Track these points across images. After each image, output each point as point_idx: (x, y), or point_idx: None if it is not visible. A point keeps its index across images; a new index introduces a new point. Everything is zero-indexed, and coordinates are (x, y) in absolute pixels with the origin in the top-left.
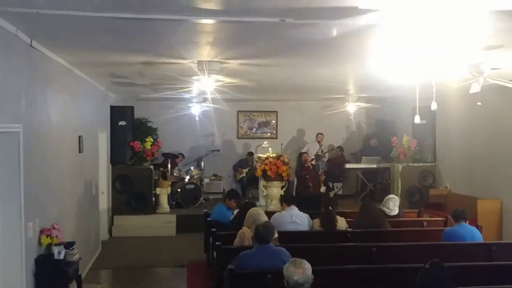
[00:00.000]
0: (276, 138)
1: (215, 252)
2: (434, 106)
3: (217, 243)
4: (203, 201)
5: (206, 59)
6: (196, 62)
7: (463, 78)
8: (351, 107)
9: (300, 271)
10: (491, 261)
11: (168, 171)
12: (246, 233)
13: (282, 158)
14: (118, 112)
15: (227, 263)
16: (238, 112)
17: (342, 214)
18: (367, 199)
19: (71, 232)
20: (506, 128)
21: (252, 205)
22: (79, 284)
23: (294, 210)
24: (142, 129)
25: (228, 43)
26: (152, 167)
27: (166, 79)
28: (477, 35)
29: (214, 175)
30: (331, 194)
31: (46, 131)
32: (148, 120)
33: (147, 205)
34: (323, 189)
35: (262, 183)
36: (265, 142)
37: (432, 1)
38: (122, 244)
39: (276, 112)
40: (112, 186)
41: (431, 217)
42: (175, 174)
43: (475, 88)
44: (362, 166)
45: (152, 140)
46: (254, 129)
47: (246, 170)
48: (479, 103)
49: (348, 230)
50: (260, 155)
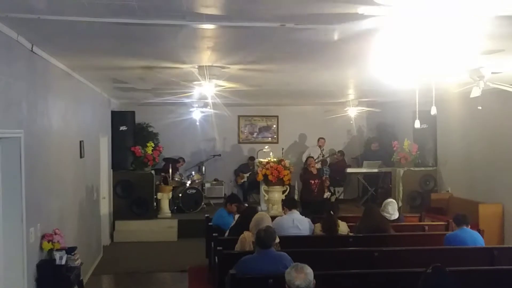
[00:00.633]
0: (277, 142)
1: (216, 257)
2: (433, 110)
3: (218, 248)
4: (205, 206)
5: (206, 64)
6: (196, 67)
7: (464, 82)
8: (352, 112)
9: (302, 276)
10: (492, 265)
11: (169, 176)
12: (247, 238)
13: (283, 163)
14: (119, 117)
15: (229, 268)
16: (239, 116)
17: (343, 219)
18: (370, 203)
19: (72, 237)
20: (507, 132)
21: (254, 210)
22: None
23: (296, 215)
24: (143, 134)
25: (228, 48)
26: (153, 172)
27: (167, 84)
28: (477, 40)
29: (215, 179)
30: (333, 198)
31: (47, 137)
32: (149, 125)
33: (149, 210)
34: (327, 194)
35: (263, 187)
36: (266, 147)
37: (433, 6)
38: (123, 249)
39: (277, 116)
40: (113, 191)
41: (432, 221)
42: (176, 179)
43: (476, 92)
44: (363, 170)
45: (153, 145)
46: (255, 133)
47: (247, 175)
48: (480, 107)
49: (349, 234)
50: (261, 159)
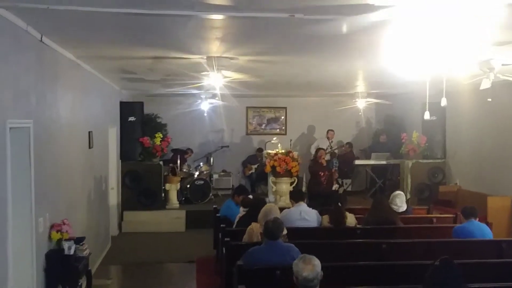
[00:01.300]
0: (285, 134)
1: (224, 248)
2: (444, 102)
3: (226, 239)
4: (212, 197)
5: (215, 55)
6: (205, 58)
7: (474, 74)
8: (361, 103)
9: (310, 267)
10: (501, 258)
11: (177, 167)
12: (254, 229)
13: (291, 154)
14: (127, 108)
15: (236, 259)
16: (247, 108)
17: (351, 211)
18: (378, 195)
19: (81, 228)
20: None
21: (262, 201)
22: (89, 279)
23: (303, 207)
24: (152, 125)
25: (237, 39)
26: (161, 163)
27: (175, 74)
28: (488, 31)
29: (223, 171)
30: (340, 190)
31: (56, 127)
32: (157, 116)
33: (157, 200)
34: (335, 186)
35: (271, 179)
36: (274, 138)
37: None
38: (131, 239)
39: (286, 108)
40: (121, 181)
41: (440, 214)
42: (185, 170)
43: (486, 84)
44: (372, 162)
45: (161, 136)
46: (263, 125)
47: (255, 166)
48: (490, 99)
49: (357, 226)
50: (269, 151)
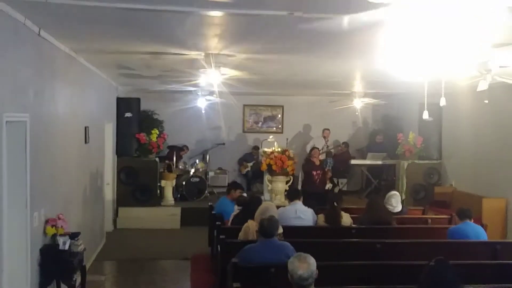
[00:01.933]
0: (281, 132)
1: (219, 246)
2: (443, 102)
3: (221, 236)
4: (208, 194)
5: (213, 52)
6: (203, 55)
7: (471, 75)
8: (358, 103)
9: (305, 265)
10: (495, 259)
11: (173, 163)
12: (251, 227)
13: (287, 153)
14: (124, 104)
15: (231, 256)
16: (244, 106)
17: (346, 210)
18: (373, 196)
19: (76, 223)
20: None
21: (258, 199)
22: (83, 274)
23: (299, 205)
24: (148, 121)
25: (236, 36)
26: (157, 159)
27: (173, 71)
28: (488, 32)
29: (219, 168)
30: (336, 190)
31: (53, 121)
32: (154, 113)
33: (152, 197)
34: (328, 186)
35: (267, 177)
36: (270, 137)
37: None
38: (126, 235)
39: (282, 106)
40: (117, 177)
41: (435, 214)
42: (180, 167)
43: (483, 85)
44: (368, 162)
45: (157, 133)
46: (260, 123)
47: (251, 164)
48: (486, 101)
49: (352, 226)
50: (266, 149)
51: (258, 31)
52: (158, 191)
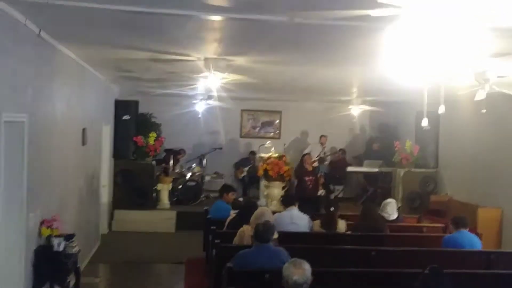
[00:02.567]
0: (279, 138)
1: (214, 250)
2: (442, 109)
3: (216, 241)
4: (204, 198)
5: (213, 56)
6: (203, 59)
7: (469, 84)
8: (355, 110)
9: (300, 271)
10: (489, 269)
11: (170, 167)
12: (246, 231)
13: (284, 159)
14: (122, 106)
15: (226, 261)
16: (242, 111)
17: (342, 217)
18: (368, 203)
19: (71, 224)
20: (511, 137)
21: (254, 204)
22: (77, 276)
23: (294, 211)
24: (146, 124)
25: (235, 41)
26: (154, 162)
27: (172, 75)
28: (486, 42)
29: (216, 173)
30: (332, 196)
31: (51, 122)
32: (152, 116)
33: (148, 200)
34: (320, 192)
35: (263, 183)
36: (267, 142)
37: (443, 7)
38: (121, 238)
39: (280, 112)
40: (113, 180)
41: (431, 223)
42: (177, 171)
43: (481, 95)
44: (364, 169)
45: (155, 136)
46: (258, 128)
47: (247, 169)
48: (484, 111)
49: (347, 233)
50: (263, 154)
51: (259, 36)
52: (154, 194)
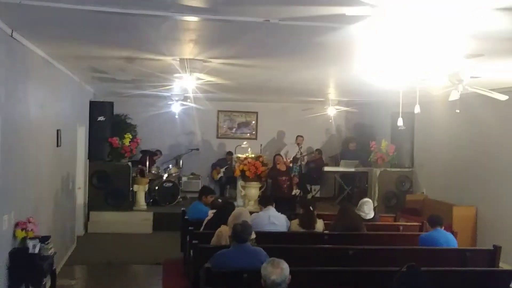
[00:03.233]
0: (255, 139)
1: (192, 251)
2: (417, 109)
3: (194, 241)
4: (181, 199)
5: (188, 57)
6: (178, 60)
7: (443, 85)
8: (331, 111)
9: (278, 271)
10: (465, 266)
11: (146, 168)
12: (223, 232)
13: (261, 159)
14: (97, 108)
15: (204, 261)
16: (218, 111)
17: (319, 217)
18: (346, 202)
19: (46, 226)
20: (484, 136)
21: (231, 205)
22: (53, 279)
23: (272, 211)
24: (121, 125)
25: (211, 42)
26: (130, 163)
27: (147, 75)
28: (458, 43)
29: (192, 173)
30: (309, 196)
31: (24, 124)
32: (127, 117)
33: (124, 201)
34: (295, 191)
35: (240, 183)
36: (244, 143)
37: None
38: (97, 240)
39: (257, 113)
40: (89, 181)
41: (407, 222)
42: (153, 172)
43: (454, 95)
44: (341, 169)
45: (131, 137)
46: (234, 129)
47: (224, 170)
48: (458, 111)
49: (325, 232)
50: (239, 155)
51: (234, 37)
52: (131, 195)
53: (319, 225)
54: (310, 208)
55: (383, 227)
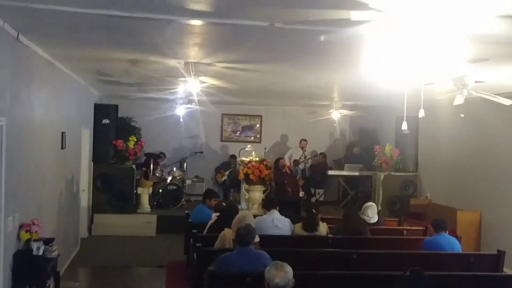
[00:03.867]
0: (259, 142)
1: (195, 254)
2: (421, 113)
3: (197, 244)
4: (185, 202)
5: (193, 60)
6: (183, 63)
7: (448, 89)
8: (335, 115)
9: (282, 274)
10: (469, 271)
11: (150, 171)
12: (227, 235)
13: (265, 163)
14: (102, 110)
15: (207, 265)
16: (222, 114)
17: (323, 220)
18: (350, 206)
19: (50, 228)
20: (489, 140)
21: (235, 208)
22: (57, 281)
23: (276, 215)
24: (126, 128)
25: (216, 45)
26: (134, 166)
27: (152, 79)
28: (463, 48)
29: (196, 176)
30: (313, 200)
31: (29, 126)
32: (132, 120)
33: (128, 204)
34: (301, 193)
35: (244, 186)
36: (248, 146)
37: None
38: (101, 242)
39: (261, 116)
40: (93, 184)
41: (411, 226)
42: (157, 175)
43: (459, 100)
44: (345, 173)
45: (135, 140)
46: (238, 132)
47: (228, 173)
48: (462, 115)
49: (329, 236)
50: (243, 158)
51: (239, 41)
52: (135, 198)
53: (323, 228)
54: (313, 211)
55: (387, 231)
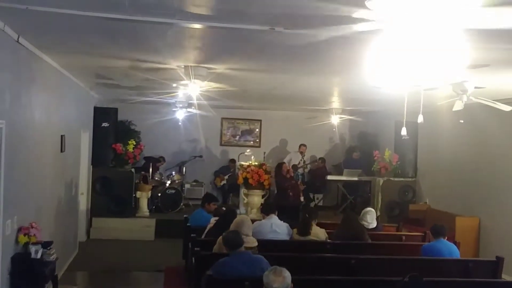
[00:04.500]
0: (259, 146)
1: (193, 258)
2: (420, 119)
3: (196, 248)
4: (183, 206)
5: (193, 64)
6: (183, 67)
7: (447, 95)
8: (335, 119)
9: (280, 279)
10: (467, 277)
11: (149, 175)
12: None
13: (264, 167)
14: (101, 113)
15: (205, 269)
16: (222, 119)
17: (322, 225)
18: (349, 211)
19: (49, 232)
20: (488, 146)
21: (234, 212)
22: (55, 284)
23: (274, 219)
24: (125, 131)
25: (216, 49)
26: (133, 170)
27: (152, 82)
28: (463, 53)
29: (195, 181)
30: (312, 205)
31: (29, 129)
32: (131, 123)
33: (127, 208)
34: (302, 198)
35: (243, 191)
36: (247, 150)
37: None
38: (99, 246)
39: (260, 120)
40: (92, 187)
41: (410, 231)
42: (156, 178)
43: (458, 106)
44: (344, 178)
45: (134, 143)
46: (238, 136)
47: (227, 177)
48: (462, 121)
49: (327, 241)
50: (243, 162)
51: (239, 45)
52: (133, 202)
53: (321, 234)
54: (306, 215)
55: (386, 237)
